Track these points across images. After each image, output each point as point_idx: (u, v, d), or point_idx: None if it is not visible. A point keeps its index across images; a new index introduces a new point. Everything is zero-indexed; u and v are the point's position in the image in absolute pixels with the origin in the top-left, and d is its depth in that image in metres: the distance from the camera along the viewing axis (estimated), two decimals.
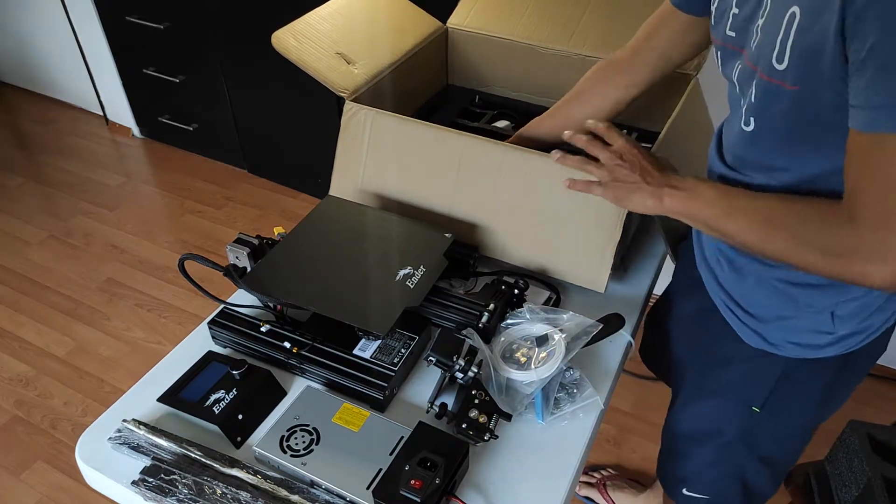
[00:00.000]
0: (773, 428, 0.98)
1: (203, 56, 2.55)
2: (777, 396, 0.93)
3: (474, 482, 0.82)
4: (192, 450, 0.83)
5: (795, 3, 0.67)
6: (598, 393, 0.91)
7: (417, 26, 1.35)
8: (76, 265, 2.41)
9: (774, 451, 1.01)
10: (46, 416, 1.92)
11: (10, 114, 3.26)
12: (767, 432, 0.98)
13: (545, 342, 0.91)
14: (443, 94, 1.46)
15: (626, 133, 0.92)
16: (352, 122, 1.13)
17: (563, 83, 1.36)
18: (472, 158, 1.06)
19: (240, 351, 0.97)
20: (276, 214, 2.63)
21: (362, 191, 1.15)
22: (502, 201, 1.06)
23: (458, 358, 0.88)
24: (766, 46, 0.71)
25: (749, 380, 0.95)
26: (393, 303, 0.92)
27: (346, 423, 0.84)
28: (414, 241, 1.02)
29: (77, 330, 2.17)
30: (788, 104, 0.72)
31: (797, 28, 0.67)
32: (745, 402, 0.96)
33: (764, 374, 0.93)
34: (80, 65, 2.98)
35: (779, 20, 0.69)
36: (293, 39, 1.15)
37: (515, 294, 1.00)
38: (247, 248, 0.99)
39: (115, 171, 2.89)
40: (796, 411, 0.96)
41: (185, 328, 2.16)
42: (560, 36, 1.32)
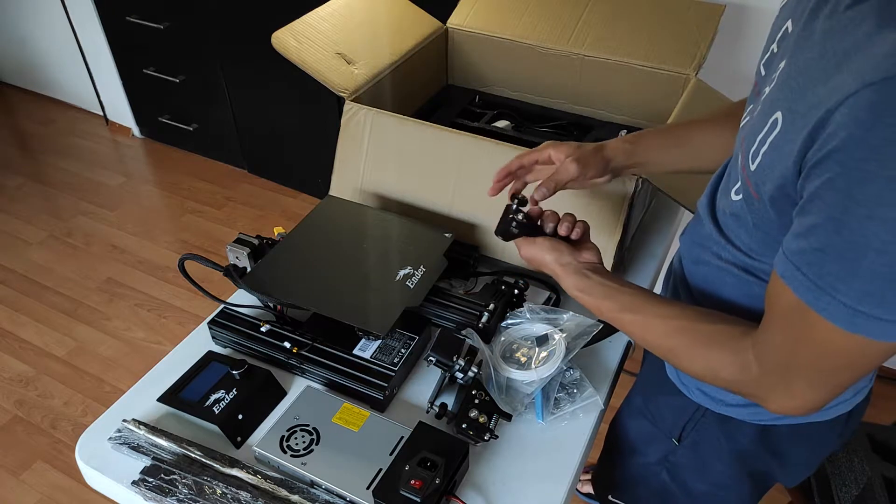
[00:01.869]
0: (696, 467, 0.92)
1: (203, 56, 2.55)
2: (691, 438, 0.89)
3: (474, 482, 0.82)
4: (192, 450, 0.83)
5: (779, 109, 0.60)
6: (598, 393, 0.91)
7: (417, 26, 1.35)
8: (76, 265, 2.41)
9: (704, 490, 0.94)
10: (46, 416, 1.92)
11: (10, 114, 3.26)
12: (689, 469, 0.93)
13: (545, 342, 0.91)
14: (443, 94, 1.46)
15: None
16: (352, 122, 1.13)
17: (563, 83, 1.36)
18: (472, 158, 1.06)
19: (240, 351, 0.97)
20: (276, 214, 2.63)
21: (362, 191, 1.15)
22: (502, 201, 1.06)
23: (458, 358, 0.88)
24: (751, 139, 0.65)
25: (670, 411, 0.91)
26: (393, 303, 0.92)
27: (346, 423, 0.84)
28: (414, 241, 1.02)
29: (77, 330, 2.17)
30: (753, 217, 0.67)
31: (774, 137, 0.60)
32: (666, 431, 0.92)
33: (680, 412, 0.89)
34: (80, 65, 2.98)
35: (765, 117, 0.63)
36: (293, 39, 1.15)
37: (515, 294, 1.00)
38: (247, 248, 0.99)
39: (115, 171, 2.88)
40: (712, 463, 0.90)
41: (185, 328, 2.16)
42: (560, 36, 1.32)
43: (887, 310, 0.52)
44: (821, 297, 0.55)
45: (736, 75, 1.38)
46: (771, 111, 0.61)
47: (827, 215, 0.53)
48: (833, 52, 0.55)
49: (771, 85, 0.64)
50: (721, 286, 0.76)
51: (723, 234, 0.74)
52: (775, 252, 0.65)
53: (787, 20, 0.67)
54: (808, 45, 0.59)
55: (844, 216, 0.52)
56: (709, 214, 0.77)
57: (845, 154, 0.51)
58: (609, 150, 0.88)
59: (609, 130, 1.32)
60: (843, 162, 0.51)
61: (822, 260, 0.54)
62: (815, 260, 0.55)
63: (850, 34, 0.54)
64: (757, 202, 0.64)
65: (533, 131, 1.34)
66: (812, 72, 0.56)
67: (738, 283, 0.73)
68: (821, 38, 0.57)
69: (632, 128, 1.32)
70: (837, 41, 0.55)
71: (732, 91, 1.18)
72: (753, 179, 0.63)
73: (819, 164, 0.53)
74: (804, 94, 0.56)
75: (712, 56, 1.26)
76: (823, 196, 0.53)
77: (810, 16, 0.61)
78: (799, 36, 0.62)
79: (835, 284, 0.53)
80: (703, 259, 0.78)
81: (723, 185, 0.76)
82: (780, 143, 0.58)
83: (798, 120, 0.56)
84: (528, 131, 1.34)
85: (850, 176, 0.51)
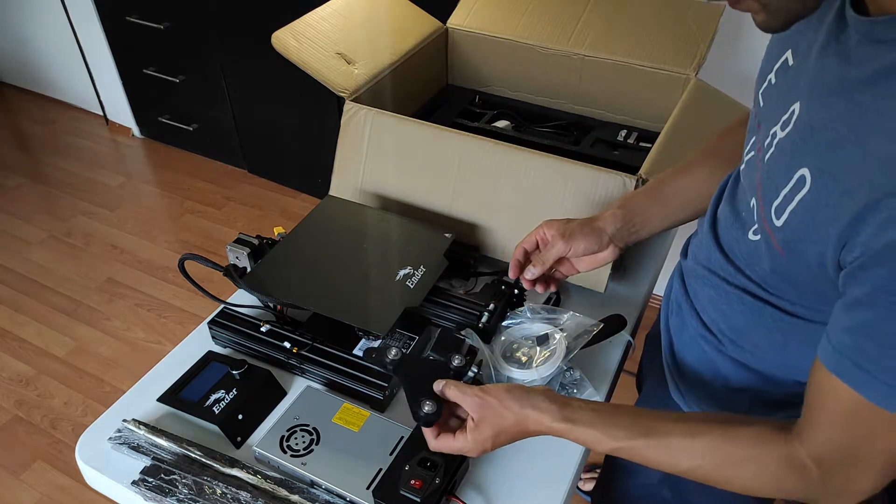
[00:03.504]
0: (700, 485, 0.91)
1: (203, 56, 2.55)
2: None
3: (474, 482, 0.82)
4: (192, 450, 0.83)
5: (805, 166, 0.56)
6: (598, 393, 0.91)
7: (417, 26, 1.35)
8: (76, 265, 2.41)
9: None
10: (46, 416, 1.92)
11: (10, 114, 3.26)
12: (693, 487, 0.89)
13: (546, 341, 0.91)
14: (443, 94, 1.46)
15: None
16: (352, 122, 1.13)
17: (563, 83, 1.36)
18: (472, 158, 1.06)
19: (240, 351, 0.97)
20: (276, 214, 2.63)
21: (362, 191, 1.15)
22: (502, 201, 1.06)
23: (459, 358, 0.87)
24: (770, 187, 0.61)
25: None
26: (393, 303, 0.92)
27: (346, 423, 0.84)
28: (414, 241, 1.02)
29: (77, 330, 2.17)
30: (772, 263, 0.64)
31: (804, 197, 0.57)
32: None
33: None
34: (80, 65, 2.98)
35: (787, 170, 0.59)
36: (293, 39, 1.15)
37: (515, 294, 1.00)
38: (247, 248, 0.99)
39: (115, 171, 2.88)
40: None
41: (185, 328, 2.16)
42: (560, 36, 1.32)
43: None
44: (892, 393, 0.52)
45: (736, 75, 1.38)
46: (794, 164, 0.58)
47: (887, 307, 0.50)
48: (864, 111, 0.52)
49: (786, 130, 0.61)
50: (731, 313, 0.74)
51: (732, 263, 0.72)
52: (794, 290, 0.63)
53: (786, 49, 0.65)
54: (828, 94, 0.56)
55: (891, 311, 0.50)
56: (713, 242, 0.75)
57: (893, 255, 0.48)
58: (600, 221, 0.87)
59: (609, 130, 1.32)
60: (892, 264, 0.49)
61: (882, 355, 0.52)
62: (878, 354, 0.52)
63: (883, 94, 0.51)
64: (782, 257, 0.62)
65: (533, 131, 1.34)
66: (840, 129, 0.54)
67: (750, 310, 0.71)
68: (844, 90, 0.55)
69: (632, 128, 1.32)
70: (868, 98, 0.52)
71: (732, 91, 1.18)
72: (779, 236, 0.61)
73: (882, 253, 0.50)
74: (836, 154, 0.54)
75: (712, 56, 1.26)
76: (886, 287, 0.50)
77: (821, 57, 0.58)
78: (814, 78, 0.59)
79: (881, 365, 0.51)
80: (711, 282, 0.76)
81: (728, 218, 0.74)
82: (814, 205, 0.56)
83: (832, 185, 0.54)
84: (528, 131, 1.34)
85: None
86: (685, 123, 1.10)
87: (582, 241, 0.86)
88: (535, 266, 0.88)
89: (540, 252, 0.90)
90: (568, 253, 0.87)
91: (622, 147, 1.28)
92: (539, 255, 0.89)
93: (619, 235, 0.87)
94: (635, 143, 1.28)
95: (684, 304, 0.83)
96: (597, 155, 1.25)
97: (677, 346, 0.86)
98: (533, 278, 0.89)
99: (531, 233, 0.91)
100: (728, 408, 0.80)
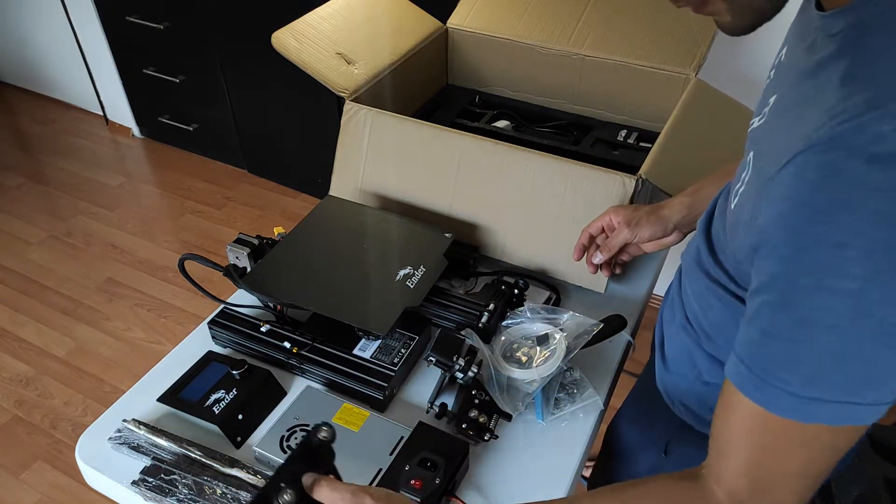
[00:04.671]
0: None
1: (203, 56, 2.55)
2: (677, 452, 0.88)
3: (474, 482, 0.82)
4: (192, 450, 0.83)
5: (753, 149, 0.56)
6: (598, 393, 0.91)
7: (417, 26, 1.35)
8: (76, 265, 2.41)
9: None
10: (46, 416, 1.92)
11: (10, 114, 3.26)
12: None
13: (546, 341, 0.91)
14: (443, 94, 1.46)
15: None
16: (352, 122, 1.13)
17: (563, 83, 1.36)
18: (472, 158, 1.06)
19: (240, 351, 0.97)
20: (276, 214, 2.63)
21: (362, 191, 1.15)
22: (502, 201, 1.06)
23: (458, 358, 0.88)
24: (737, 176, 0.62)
25: (657, 423, 0.90)
26: (393, 303, 0.92)
27: (346, 423, 0.84)
28: (414, 241, 1.02)
29: (77, 330, 2.17)
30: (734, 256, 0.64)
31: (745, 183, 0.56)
32: (654, 443, 0.91)
33: (666, 425, 0.87)
34: (80, 65, 2.98)
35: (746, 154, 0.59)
36: (293, 40, 1.15)
37: (515, 294, 1.00)
38: (247, 248, 0.99)
39: (115, 171, 2.88)
40: None
41: (185, 328, 2.16)
42: (560, 36, 1.32)
43: (839, 390, 0.47)
44: (765, 388, 0.49)
45: (736, 75, 1.38)
46: (749, 149, 0.59)
47: (773, 290, 0.48)
48: (804, 101, 0.52)
49: (762, 120, 0.62)
50: (709, 308, 0.74)
51: (714, 256, 0.72)
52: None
53: (784, 46, 0.65)
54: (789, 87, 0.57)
55: (790, 290, 0.46)
56: (703, 235, 0.76)
57: (791, 218, 0.45)
58: (666, 209, 0.91)
59: (609, 130, 1.32)
60: (788, 226, 0.46)
61: (766, 346, 0.49)
62: (760, 348, 0.49)
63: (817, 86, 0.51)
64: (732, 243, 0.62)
65: (533, 131, 1.34)
66: (785, 118, 0.54)
67: (725, 306, 0.71)
68: (797, 83, 0.55)
69: (632, 128, 1.32)
70: (810, 90, 0.52)
71: (732, 91, 1.18)
72: (730, 219, 0.61)
73: (766, 229, 0.48)
74: (773, 140, 0.54)
75: (712, 56, 1.26)
76: (770, 270, 0.48)
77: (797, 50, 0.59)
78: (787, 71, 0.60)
79: (778, 373, 0.48)
80: (697, 276, 0.77)
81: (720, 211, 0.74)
82: (747, 190, 0.55)
83: (760, 170, 0.53)
84: (528, 131, 1.34)
85: (797, 242, 0.45)
86: (685, 123, 1.10)
87: (647, 229, 0.90)
88: (602, 251, 0.94)
89: (606, 237, 0.94)
90: (633, 240, 0.92)
91: (622, 147, 1.28)
92: (605, 242, 0.94)
93: (684, 223, 0.91)
94: (635, 143, 1.28)
95: (676, 296, 0.84)
96: (597, 155, 1.25)
97: (667, 338, 0.87)
98: (599, 263, 0.96)
99: (598, 218, 0.94)
100: (701, 402, 0.81)
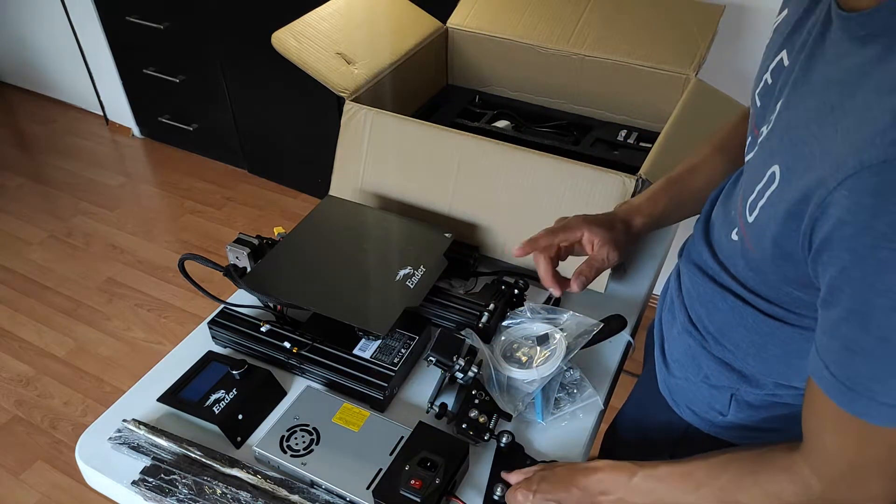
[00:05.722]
0: None
1: (203, 56, 2.55)
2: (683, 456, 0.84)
3: (474, 482, 0.82)
4: (192, 450, 0.83)
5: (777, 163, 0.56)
6: (598, 393, 0.91)
7: (417, 26, 1.35)
8: (76, 265, 2.41)
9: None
10: (46, 416, 1.92)
11: (10, 114, 3.26)
12: None
13: (546, 341, 0.91)
14: (443, 94, 1.46)
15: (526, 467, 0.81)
16: (352, 122, 1.13)
17: (563, 83, 1.36)
18: (472, 158, 1.06)
19: (240, 351, 0.97)
20: (276, 214, 2.63)
21: (362, 191, 1.15)
22: (502, 201, 1.06)
23: (458, 358, 0.88)
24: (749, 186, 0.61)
25: (662, 428, 0.89)
26: (393, 303, 0.92)
27: (346, 423, 0.84)
28: (414, 241, 1.02)
29: (77, 330, 2.17)
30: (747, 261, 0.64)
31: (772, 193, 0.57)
32: (659, 448, 0.90)
33: (671, 429, 0.87)
34: (80, 65, 2.98)
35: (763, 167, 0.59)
36: (293, 40, 1.15)
37: (515, 294, 1.00)
38: (247, 248, 0.99)
39: (115, 171, 2.88)
40: None
41: (185, 328, 2.15)
42: (560, 36, 1.32)
43: None
44: (857, 399, 0.51)
45: (736, 75, 1.38)
46: (769, 162, 0.58)
47: (849, 310, 0.50)
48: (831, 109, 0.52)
49: (769, 127, 0.62)
50: (715, 311, 0.74)
51: (718, 261, 0.72)
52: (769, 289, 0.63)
53: (781, 49, 0.65)
54: (807, 93, 0.56)
55: (867, 310, 0.48)
56: (703, 239, 0.76)
57: (855, 242, 0.47)
58: (635, 227, 0.86)
59: (609, 130, 1.32)
60: (853, 250, 0.48)
61: (851, 360, 0.51)
62: (845, 360, 0.51)
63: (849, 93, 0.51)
64: (752, 254, 0.62)
65: (533, 131, 1.34)
66: (811, 127, 0.54)
67: (732, 309, 0.71)
68: (820, 89, 0.55)
69: (632, 128, 1.32)
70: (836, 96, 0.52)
71: (732, 91, 1.18)
72: (750, 232, 0.61)
73: (828, 248, 0.50)
74: (802, 151, 0.54)
75: (712, 56, 1.26)
76: (843, 288, 0.50)
77: (808, 56, 0.58)
78: (797, 79, 0.59)
79: (869, 385, 0.50)
80: (700, 280, 0.76)
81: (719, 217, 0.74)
82: (778, 201, 0.56)
83: (795, 181, 0.53)
84: (528, 131, 1.34)
85: (865, 266, 0.47)
86: (685, 123, 1.10)
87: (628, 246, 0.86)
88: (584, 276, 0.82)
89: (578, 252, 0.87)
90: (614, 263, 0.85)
91: (622, 147, 1.28)
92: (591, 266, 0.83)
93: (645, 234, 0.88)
94: (635, 143, 1.28)
95: (676, 300, 0.83)
96: (597, 155, 1.25)
97: (667, 341, 0.86)
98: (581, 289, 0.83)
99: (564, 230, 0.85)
100: (708, 405, 0.80)
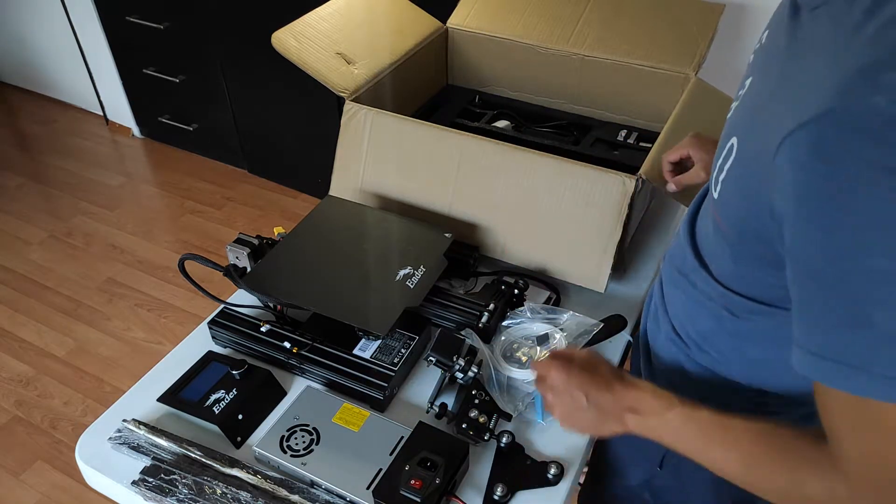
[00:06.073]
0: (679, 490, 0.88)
1: (203, 56, 2.55)
2: (672, 463, 0.85)
3: (474, 482, 0.82)
4: (192, 450, 0.83)
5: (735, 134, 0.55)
6: None
7: (417, 26, 1.35)
8: (76, 265, 2.41)
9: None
10: (46, 416, 1.92)
11: (10, 114, 3.26)
12: (672, 492, 0.88)
13: (546, 341, 0.91)
14: (443, 94, 1.46)
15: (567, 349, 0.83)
16: (352, 122, 1.13)
17: (563, 83, 1.36)
18: (472, 158, 1.06)
19: (240, 351, 0.97)
20: (276, 214, 2.63)
21: (362, 191, 1.15)
22: (502, 201, 1.06)
23: (458, 358, 0.88)
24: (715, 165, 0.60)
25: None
26: (393, 303, 0.92)
27: (346, 423, 0.84)
28: (414, 241, 1.02)
29: (77, 330, 2.17)
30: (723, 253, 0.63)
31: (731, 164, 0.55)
32: (648, 455, 0.88)
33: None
34: (80, 65, 2.98)
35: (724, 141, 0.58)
36: (293, 40, 1.15)
37: (515, 294, 1.00)
38: (247, 248, 0.99)
39: (115, 171, 2.88)
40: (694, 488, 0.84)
41: (185, 328, 2.15)
42: (560, 36, 1.32)
43: None
44: (857, 376, 0.47)
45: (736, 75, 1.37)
46: (729, 134, 0.57)
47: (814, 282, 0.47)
48: (783, 77, 0.51)
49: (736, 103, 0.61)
50: (697, 317, 0.73)
51: (701, 261, 0.71)
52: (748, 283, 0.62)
53: (766, 31, 0.64)
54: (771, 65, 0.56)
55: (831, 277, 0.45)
56: (688, 236, 0.75)
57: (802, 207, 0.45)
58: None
59: (609, 130, 1.32)
60: (806, 216, 0.45)
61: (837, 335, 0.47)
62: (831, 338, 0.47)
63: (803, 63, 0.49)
64: (727, 235, 0.61)
65: (533, 131, 1.34)
66: (763, 95, 0.53)
67: (711, 314, 0.70)
68: (783, 59, 0.54)
69: (632, 128, 1.32)
70: (788, 65, 0.51)
71: (732, 91, 1.18)
72: (718, 210, 0.60)
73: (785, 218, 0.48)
74: (759, 117, 0.53)
75: (712, 56, 1.26)
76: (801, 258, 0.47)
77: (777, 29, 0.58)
78: (766, 52, 0.59)
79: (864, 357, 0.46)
80: (682, 286, 0.75)
81: (704, 212, 0.73)
82: (737, 174, 0.55)
83: (751, 146, 0.52)
84: (528, 131, 1.34)
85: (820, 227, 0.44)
86: (685, 123, 1.10)
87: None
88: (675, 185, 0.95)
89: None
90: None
91: (622, 147, 1.28)
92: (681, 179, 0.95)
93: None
94: (635, 143, 1.28)
95: (660, 308, 0.82)
96: (597, 155, 1.25)
97: (653, 350, 0.86)
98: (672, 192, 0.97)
99: (680, 147, 0.94)
100: None
